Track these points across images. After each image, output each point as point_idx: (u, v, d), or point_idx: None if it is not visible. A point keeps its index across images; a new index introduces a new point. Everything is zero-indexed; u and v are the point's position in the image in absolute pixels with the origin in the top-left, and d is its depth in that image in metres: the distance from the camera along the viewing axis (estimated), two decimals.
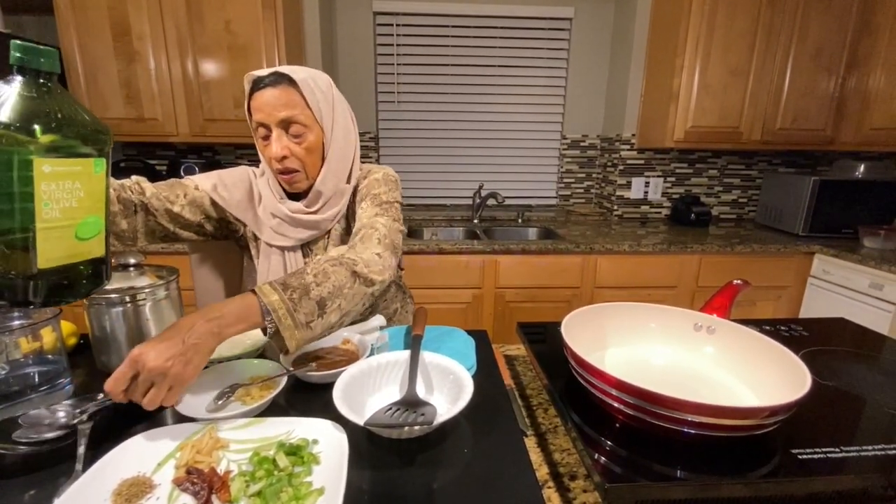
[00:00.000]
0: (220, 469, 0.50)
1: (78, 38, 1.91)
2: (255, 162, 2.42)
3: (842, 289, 1.93)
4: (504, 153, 2.65)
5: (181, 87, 1.97)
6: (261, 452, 0.51)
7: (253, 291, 0.61)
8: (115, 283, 0.70)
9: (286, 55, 1.98)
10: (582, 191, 2.74)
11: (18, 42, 0.45)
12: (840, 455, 0.50)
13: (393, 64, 2.48)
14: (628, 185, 2.57)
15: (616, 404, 0.54)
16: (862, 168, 2.19)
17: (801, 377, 0.54)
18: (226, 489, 0.46)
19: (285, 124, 0.82)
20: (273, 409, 0.63)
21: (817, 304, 2.04)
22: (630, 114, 2.43)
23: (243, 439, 0.54)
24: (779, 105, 2.19)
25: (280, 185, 0.92)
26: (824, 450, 0.50)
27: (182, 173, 2.07)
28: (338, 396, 0.57)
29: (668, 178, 2.59)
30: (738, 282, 0.80)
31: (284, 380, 0.63)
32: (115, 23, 1.90)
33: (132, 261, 0.72)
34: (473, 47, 2.49)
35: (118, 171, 2.13)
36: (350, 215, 0.97)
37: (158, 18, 1.91)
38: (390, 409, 0.57)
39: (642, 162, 2.54)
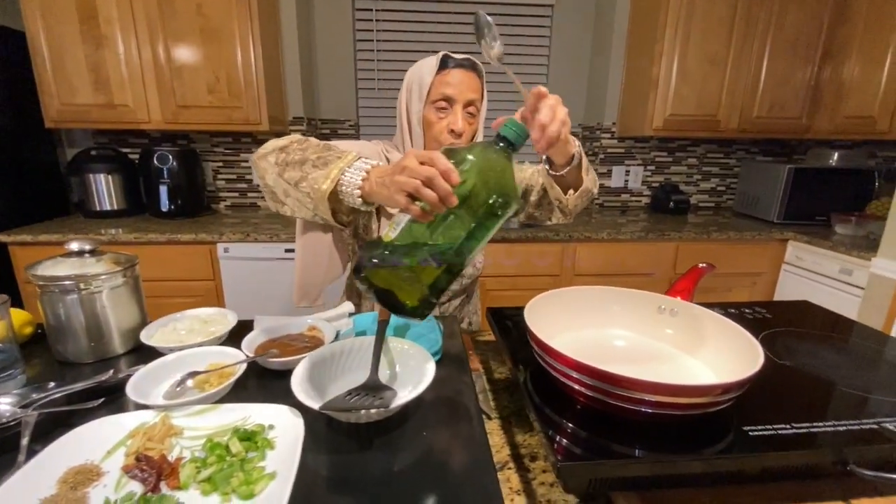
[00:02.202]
0: (173, 456, 0.49)
1: (43, 22, 1.84)
2: (234, 150, 2.37)
3: (814, 274, 1.98)
4: (485, 137, 2.63)
5: (152, 72, 1.92)
6: (214, 439, 0.50)
7: None
8: (70, 269, 0.68)
9: (261, 39, 1.93)
10: None
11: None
12: (790, 432, 0.51)
13: (373, 50, 2.44)
14: (609, 174, 2.58)
15: (576, 386, 0.55)
16: (835, 156, 2.23)
17: (755, 356, 0.54)
18: (175, 476, 0.45)
19: (467, 104, 0.90)
20: (234, 397, 0.62)
21: (790, 289, 2.09)
22: (611, 102, 2.44)
23: (198, 426, 0.53)
24: (756, 94, 2.21)
25: None
26: (775, 427, 0.51)
27: (155, 161, 2.02)
28: (296, 382, 0.56)
29: (649, 167, 2.61)
30: (703, 265, 0.81)
31: (243, 367, 0.62)
32: (82, 5, 1.83)
33: (87, 247, 0.70)
34: (454, 33, 2.46)
35: (89, 159, 2.07)
36: None
37: (127, 1, 1.84)
38: (350, 394, 0.57)
39: (623, 150, 2.55)
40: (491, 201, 0.52)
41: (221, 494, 0.44)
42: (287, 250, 1.88)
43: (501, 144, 0.55)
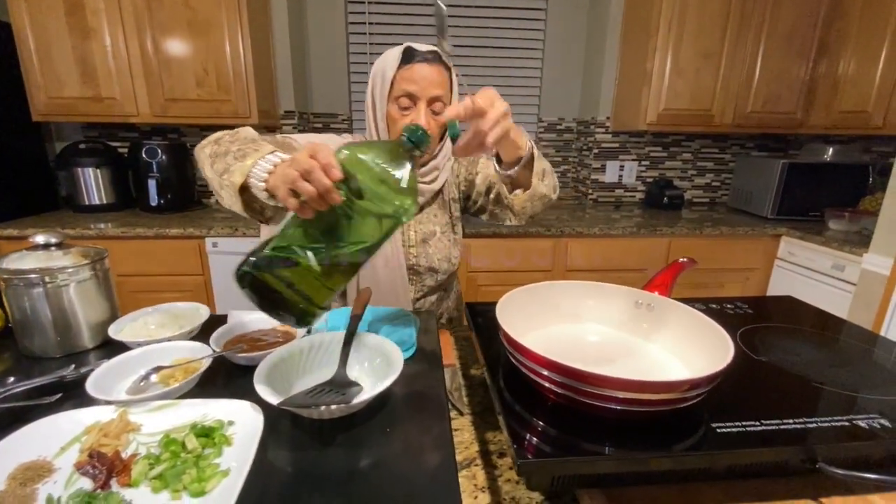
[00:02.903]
0: (128, 452, 0.48)
1: (29, 13, 1.82)
2: None
3: (806, 270, 1.96)
4: None
5: (140, 64, 1.90)
6: (171, 435, 0.49)
7: None
8: (36, 262, 0.67)
9: (250, 32, 1.91)
10: (558, 175, 2.73)
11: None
12: (759, 428, 0.50)
13: (366, 42, 2.42)
14: (603, 169, 2.56)
15: (545, 383, 0.54)
16: (830, 151, 2.21)
17: (726, 352, 0.53)
18: (127, 472, 0.44)
19: (432, 101, 0.86)
20: (202, 392, 0.61)
21: (783, 285, 2.08)
22: (605, 96, 2.42)
23: (158, 422, 0.52)
24: (750, 88, 2.19)
25: None
26: (744, 423, 0.50)
27: (144, 155, 2.00)
28: (259, 377, 0.55)
29: (643, 162, 2.60)
30: (683, 260, 0.80)
31: (208, 362, 0.61)
32: None
33: (53, 240, 0.69)
34: (448, 26, 2.43)
35: (78, 152, 2.05)
36: (447, 189, 1.04)
37: None
38: (316, 389, 0.56)
39: (617, 145, 2.54)
40: (381, 203, 0.50)
41: (172, 492, 0.43)
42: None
43: (406, 145, 0.53)
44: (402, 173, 0.52)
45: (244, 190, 0.64)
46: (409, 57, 0.86)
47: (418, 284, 1.01)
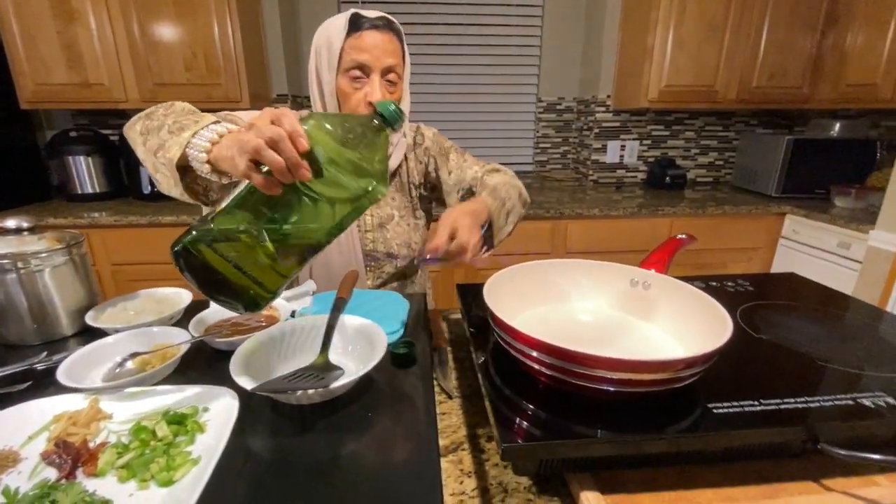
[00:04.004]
0: (98, 441, 0.46)
1: None
2: None
3: (811, 248, 1.93)
4: (478, 118, 2.56)
5: (126, 49, 1.86)
6: (142, 422, 0.47)
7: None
8: (7, 247, 0.64)
9: (238, 13, 1.86)
10: (559, 156, 2.68)
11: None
12: (758, 408, 0.47)
13: None
14: (604, 149, 2.51)
15: (535, 365, 0.51)
16: (837, 127, 2.15)
17: (724, 329, 0.51)
18: (93, 462, 0.43)
19: (386, 72, 0.81)
20: (182, 378, 0.59)
21: (787, 264, 2.04)
22: (605, 74, 2.36)
23: (131, 410, 0.50)
24: (755, 62, 2.12)
25: None
26: (742, 403, 0.48)
27: None
28: (237, 362, 0.53)
29: (645, 141, 2.54)
30: (681, 236, 0.76)
31: (185, 347, 0.59)
32: None
33: (25, 224, 0.66)
34: (444, 4, 2.37)
35: (68, 140, 2.02)
36: (406, 169, 0.99)
37: None
38: (297, 374, 0.53)
39: (618, 124, 2.48)
40: (348, 181, 0.46)
41: (139, 481, 0.41)
42: None
43: (377, 122, 0.49)
44: (372, 151, 0.48)
45: (183, 169, 0.58)
46: (356, 24, 0.79)
47: (377, 271, 0.96)
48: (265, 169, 0.43)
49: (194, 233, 0.43)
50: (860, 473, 0.47)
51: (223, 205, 0.44)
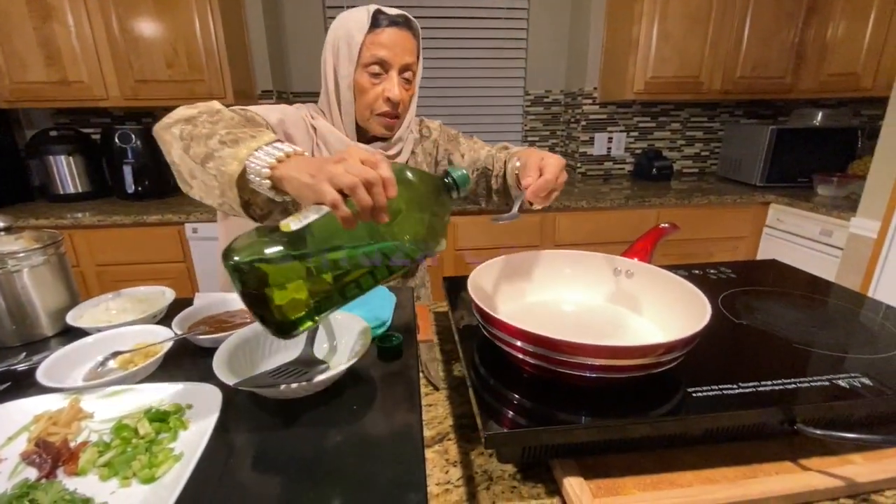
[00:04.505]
0: (79, 440, 0.46)
1: None
2: None
3: (794, 237, 1.96)
4: (466, 111, 2.56)
5: (106, 45, 1.82)
6: (123, 420, 0.47)
7: None
8: None
9: (220, 8, 1.83)
10: (547, 149, 2.68)
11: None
12: (736, 391, 0.48)
13: None
14: (591, 142, 2.52)
15: (518, 354, 0.51)
16: (819, 116, 2.18)
17: (703, 315, 0.51)
18: (74, 461, 0.42)
19: (403, 69, 0.82)
20: (166, 376, 0.58)
21: (771, 252, 2.07)
22: (592, 66, 2.36)
23: (111, 409, 0.50)
24: (739, 53, 2.14)
25: (359, 128, 0.89)
26: (721, 387, 0.48)
27: (118, 141, 1.94)
28: (220, 358, 0.53)
29: (632, 133, 2.56)
30: (665, 225, 0.77)
31: (168, 345, 0.59)
32: None
33: (2, 224, 0.65)
34: None
35: (48, 140, 1.98)
36: (414, 163, 1.00)
37: None
38: (281, 369, 0.53)
39: (605, 117, 2.49)
40: (416, 231, 0.47)
41: (121, 479, 0.41)
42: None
43: (448, 181, 0.51)
44: (440, 209, 0.49)
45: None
46: (378, 20, 0.80)
47: None
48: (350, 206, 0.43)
49: (269, 250, 0.43)
50: (836, 453, 0.48)
51: (294, 226, 0.44)
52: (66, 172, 1.98)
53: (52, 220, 1.75)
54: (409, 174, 0.48)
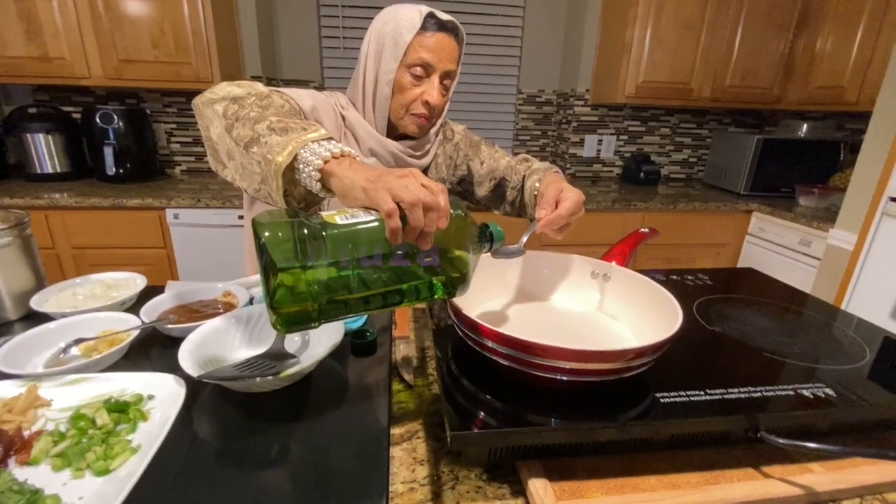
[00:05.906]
0: (35, 428, 0.44)
1: None
2: (188, 111, 2.24)
3: (775, 246, 1.99)
4: (459, 108, 2.54)
5: (89, 22, 1.77)
6: (81, 410, 0.45)
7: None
8: None
9: None
10: (538, 149, 2.69)
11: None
12: (703, 398, 0.48)
13: (338, 6, 2.30)
14: (581, 143, 2.53)
15: (491, 356, 0.51)
16: (805, 128, 2.21)
17: (675, 320, 0.52)
18: (27, 450, 0.41)
19: (445, 75, 0.83)
20: (133, 366, 0.57)
21: (752, 260, 2.10)
22: (585, 68, 2.36)
23: (71, 397, 0.48)
24: (729, 62, 2.16)
25: (389, 124, 0.87)
26: (689, 393, 0.49)
27: (98, 121, 1.89)
28: (187, 349, 0.52)
29: (621, 136, 2.57)
30: (645, 230, 0.78)
31: (135, 333, 0.57)
32: None
33: None
34: None
35: (26, 117, 1.93)
36: (434, 165, 0.99)
37: None
38: (248, 362, 0.52)
39: (596, 119, 2.50)
40: (444, 270, 0.48)
41: (74, 470, 0.39)
42: (241, 217, 1.80)
43: (488, 233, 0.52)
44: (471, 256, 0.50)
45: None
46: (429, 23, 0.79)
47: None
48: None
49: (305, 230, 0.41)
50: (797, 461, 0.49)
51: (340, 220, 0.43)
52: (45, 151, 1.93)
53: (27, 199, 1.70)
54: (459, 213, 0.48)
